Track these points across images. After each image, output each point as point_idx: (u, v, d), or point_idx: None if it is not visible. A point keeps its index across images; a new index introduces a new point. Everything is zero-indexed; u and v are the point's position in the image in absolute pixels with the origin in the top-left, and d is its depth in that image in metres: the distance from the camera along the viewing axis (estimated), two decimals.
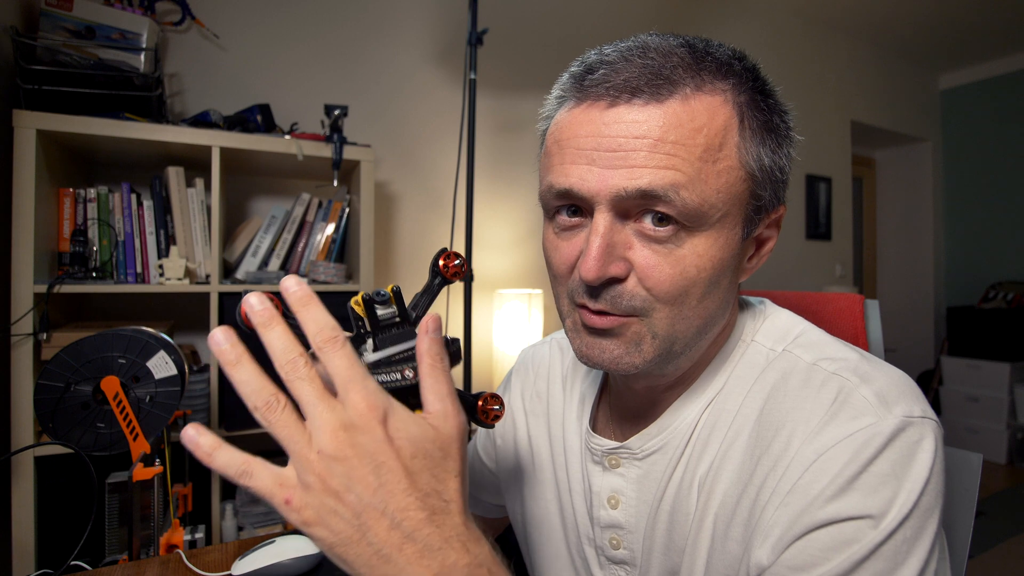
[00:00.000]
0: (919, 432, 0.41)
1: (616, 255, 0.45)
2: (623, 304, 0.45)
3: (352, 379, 0.34)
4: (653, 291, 0.45)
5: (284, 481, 0.34)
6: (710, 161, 0.43)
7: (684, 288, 0.45)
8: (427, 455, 0.36)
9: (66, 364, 0.90)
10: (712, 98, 0.44)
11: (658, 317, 0.45)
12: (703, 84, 0.44)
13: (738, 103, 0.45)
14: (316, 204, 1.72)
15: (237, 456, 0.35)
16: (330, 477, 0.33)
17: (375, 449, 0.34)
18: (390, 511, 0.34)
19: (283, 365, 0.34)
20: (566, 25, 2.45)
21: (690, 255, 0.44)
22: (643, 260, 0.44)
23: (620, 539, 0.56)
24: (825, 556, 0.40)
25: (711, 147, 0.43)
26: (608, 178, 0.43)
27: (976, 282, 3.95)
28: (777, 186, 0.48)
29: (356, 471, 0.33)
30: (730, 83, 0.45)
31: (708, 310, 0.47)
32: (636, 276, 0.45)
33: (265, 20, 1.89)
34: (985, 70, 4.00)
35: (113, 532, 0.98)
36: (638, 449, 0.54)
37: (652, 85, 0.43)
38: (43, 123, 1.28)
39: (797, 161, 0.51)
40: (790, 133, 0.48)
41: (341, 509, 0.34)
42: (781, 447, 0.45)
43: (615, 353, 0.47)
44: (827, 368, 0.47)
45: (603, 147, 0.44)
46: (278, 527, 1.48)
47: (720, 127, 0.44)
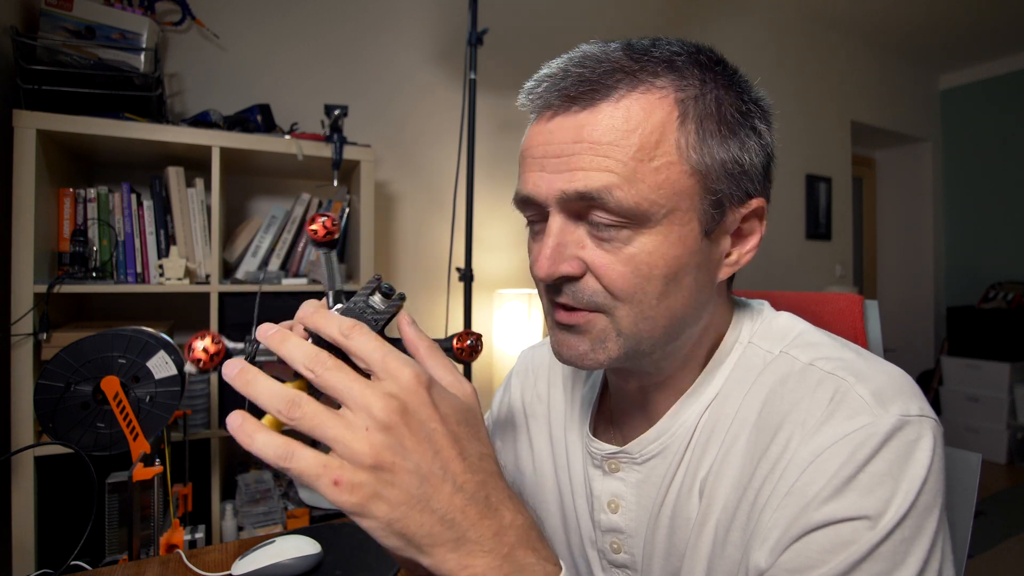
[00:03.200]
0: (916, 431, 0.41)
1: (568, 254, 0.46)
2: (585, 299, 0.47)
3: (389, 353, 0.35)
4: (609, 288, 0.46)
5: (329, 463, 0.32)
6: (645, 160, 0.44)
7: (638, 286, 0.45)
8: (467, 422, 0.37)
9: (66, 364, 0.90)
10: (647, 96, 0.44)
11: (620, 315, 0.46)
12: (638, 84, 0.45)
13: (679, 99, 0.45)
14: (316, 204, 1.72)
15: (277, 439, 0.33)
16: (383, 449, 0.32)
17: (426, 415, 0.34)
18: (450, 475, 0.34)
19: (308, 364, 0.34)
20: (566, 25, 2.45)
21: (640, 253, 0.45)
22: (595, 259, 0.46)
23: (621, 543, 0.56)
24: (823, 558, 0.39)
25: (645, 145, 0.44)
26: (553, 182, 0.45)
27: (976, 282, 3.95)
28: (740, 179, 0.47)
29: (410, 439, 0.33)
30: (670, 80, 0.45)
31: (672, 309, 0.47)
32: (592, 274, 0.46)
33: (265, 20, 1.89)
34: (985, 70, 4.00)
35: (113, 532, 0.98)
36: (637, 453, 0.54)
37: (585, 92, 0.45)
38: (43, 123, 1.28)
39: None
40: (755, 124, 0.48)
41: (398, 480, 0.33)
42: (779, 449, 0.44)
43: (581, 349, 0.48)
44: (823, 368, 0.46)
45: (550, 154, 0.46)
46: (278, 527, 1.48)
47: (656, 124, 0.44)
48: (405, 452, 0.33)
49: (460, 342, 0.45)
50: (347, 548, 0.84)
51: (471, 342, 0.46)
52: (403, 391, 0.34)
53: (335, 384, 0.34)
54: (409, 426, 0.33)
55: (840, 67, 3.58)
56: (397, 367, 0.34)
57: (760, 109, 0.49)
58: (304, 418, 0.33)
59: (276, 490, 1.59)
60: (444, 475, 0.34)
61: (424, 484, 0.33)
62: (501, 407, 0.75)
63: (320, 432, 0.33)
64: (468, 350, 0.46)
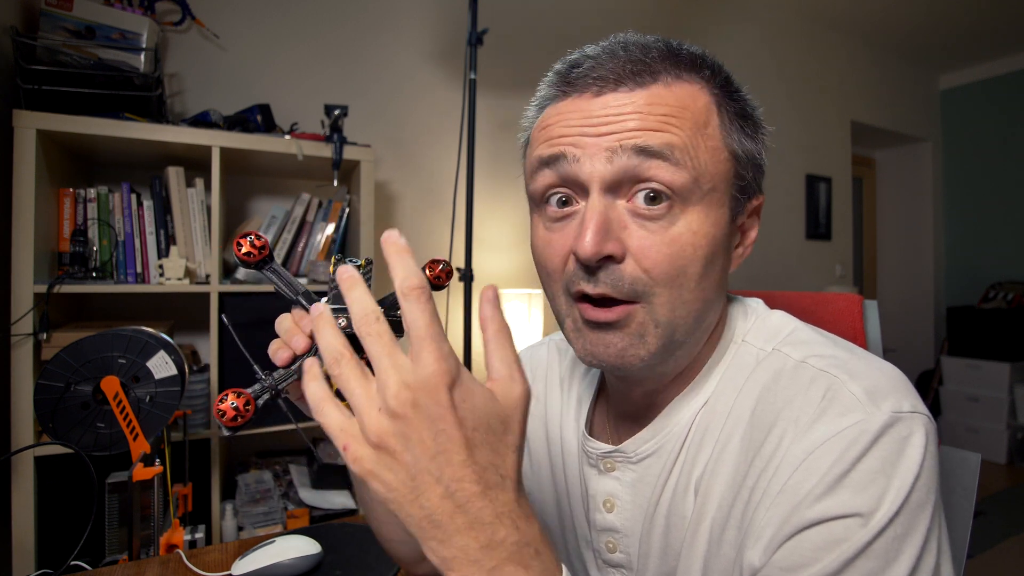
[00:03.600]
0: (908, 427, 0.41)
1: (612, 234, 0.45)
2: (625, 287, 0.45)
3: (428, 336, 0.34)
4: (651, 272, 0.45)
5: (347, 428, 0.34)
6: (700, 133, 0.46)
7: (681, 267, 0.45)
8: (489, 428, 0.35)
9: (66, 364, 0.90)
10: (691, 85, 0.47)
11: (659, 302, 0.45)
12: (681, 73, 0.47)
13: (713, 92, 0.48)
14: (316, 204, 1.72)
15: (321, 392, 0.36)
16: (387, 434, 0.33)
17: (437, 414, 0.33)
18: (445, 479, 0.33)
19: (359, 321, 0.35)
20: (566, 25, 2.45)
21: (685, 232, 0.45)
22: (638, 241, 0.45)
23: (616, 542, 0.56)
24: (815, 556, 0.39)
25: (699, 122, 0.46)
26: (599, 142, 0.45)
27: (976, 282, 3.95)
28: (757, 172, 0.50)
29: (415, 433, 0.33)
30: (704, 75, 0.48)
31: (706, 292, 0.47)
32: (632, 258, 0.45)
33: (265, 20, 1.89)
34: (985, 70, 4.00)
35: (113, 532, 0.98)
36: (632, 453, 0.54)
37: (635, 74, 0.46)
38: (43, 123, 1.28)
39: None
40: (763, 126, 0.51)
41: (396, 467, 0.33)
42: (772, 447, 0.44)
43: (620, 346, 0.47)
44: (816, 365, 0.46)
45: (592, 123, 0.45)
46: (278, 527, 1.48)
47: (703, 108, 0.47)
48: (408, 443, 0.33)
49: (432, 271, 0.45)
50: (347, 548, 0.84)
51: (442, 266, 0.46)
52: (421, 385, 0.33)
53: (369, 351, 0.34)
54: (417, 419, 0.33)
55: (840, 67, 3.58)
56: (427, 357, 0.33)
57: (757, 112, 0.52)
58: (339, 377, 0.35)
59: (276, 490, 1.59)
60: (438, 478, 0.33)
61: (416, 479, 0.33)
62: None
63: (346, 395, 0.35)
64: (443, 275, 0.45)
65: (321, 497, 1.57)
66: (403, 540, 0.59)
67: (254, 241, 0.45)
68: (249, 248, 0.44)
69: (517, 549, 0.34)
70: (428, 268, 0.45)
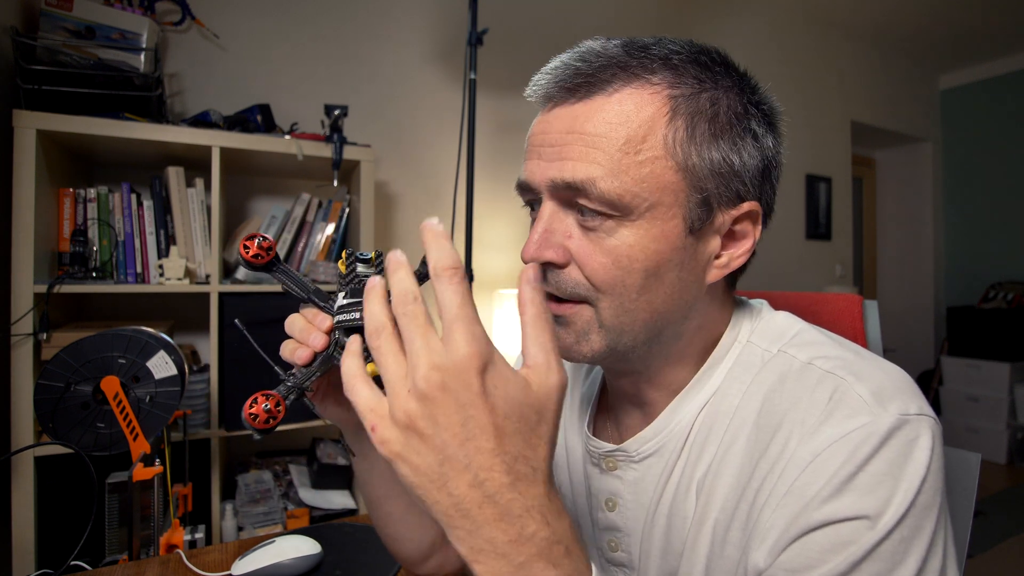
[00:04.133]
0: (915, 430, 0.41)
1: (555, 242, 0.48)
2: (568, 290, 0.48)
3: (459, 318, 0.33)
4: (591, 279, 0.47)
5: (376, 408, 0.34)
6: (631, 153, 0.45)
7: (618, 278, 0.46)
8: (521, 417, 0.34)
9: (66, 364, 0.90)
10: (640, 91, 0.46)
11: (603, 307, 0.47)
12: (632, 79, 0.46)
13: (672, 96, 0.46)
14: (316, 204, 1.72)
15: (355, 367, 0.36)
16: (417, 416, 0.32)
17: (467, 400, 0.32)
18: (474, 467, 0.32)
19: (397, 300, 0.35)
20: (566, 25, 2.45)
21: (621, 245, 0.46)
22: (578, 249, 0.47)
23: (618, 541, 0.56)
24: (822, 558, 0.39)
25: (632, 139, 0.45)
26: (545, 170, 0.48)
27: (976, 282, 3.95)
28: (730, 180, 0.47)
29: (443, 417, 0.32)
30: (664, 76, 0.46)
31: (653, 304, 0.47)
32: (576, 264, 0.48)
33: (265, 20, 1.89)
34: (985, 70, 4.00)
35: (113, 532, 0.98)
36: (634, 452, 0.54)
37: (581, 85, 0.47)
38: (43, 123, 1.28)
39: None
40: (752, 126, 0.48)
41: (424, 451, 0.33)
42: (778, 449, 0.44)
43: (567, 341, 0.49)
44: (822, 367, 0.46)
45: (546, 143, 0.48)
46: (278, 527, 1.48)
47: (646, 119, 0.45)
48: (436, 427, 0.32)
49: None
50: (347, 548, 0.84)
51: None
52: (451, 367, 0.32)
53: (404, 331, 0.34)
54: (446, 404, 0.32)
55: (840, 67, 3.58)
56: (457, 339, 0.33)
57: (763, 113, 0.49)
58: (376, 350, 0.35)
59: (276, 490, 1.59)
60: (467, 465, 0.32)
61: (444, 465, 0.32)
62: None
63: (381, 372, 0.35)
64: None
65: (321, 497, 1.57)
66: (407, 538, 0.59)
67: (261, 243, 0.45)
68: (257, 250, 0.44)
69: (547, 546, 0.34)
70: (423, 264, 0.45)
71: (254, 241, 0.44)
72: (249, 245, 0.44)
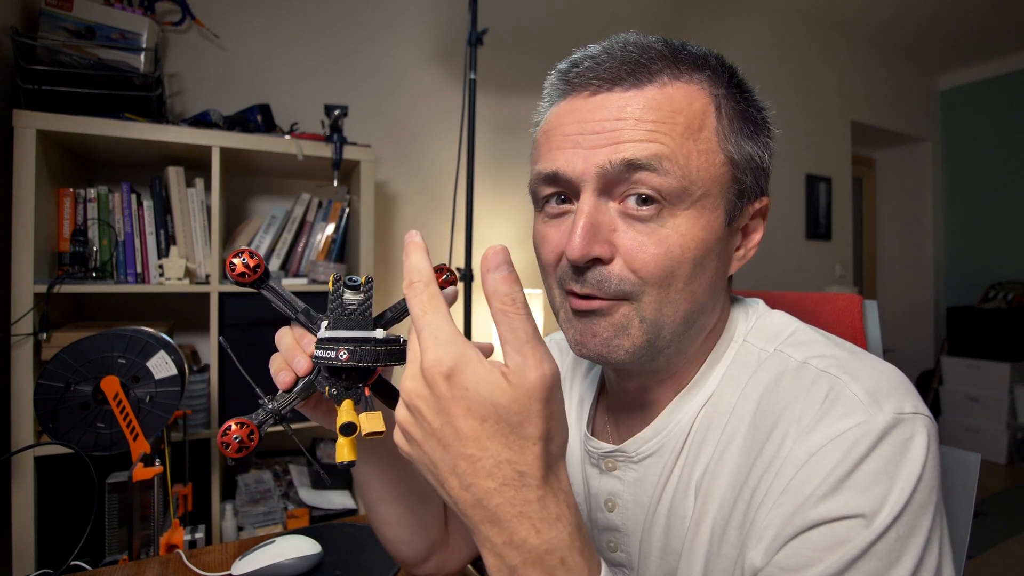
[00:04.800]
0: (911, 428, 0.41)
1: (601, 236, 0.45)
2: (612, 288, 0.46)
3: (424, 327, 0.34)
4: (640, 272, 0.45)
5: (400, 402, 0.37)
6: (691, 139, 0.45)
7: (670, 268, 0.45)
8: (499, 419, 0.33)
9: (66, 364, 0.90)
10: (688, 87, 0.47)
11: (647, 300, 0.46)
12: (680, 74, 0.47)
13: (714, 94, 0.47)
14: (316, 204, 1.72)
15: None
16: (409, 425, 0.35)
17: (440, 407, 0.33)
18: (459, 472, 0.33)
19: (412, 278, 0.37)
20: (566, 25, 2.45)
21: (674, 234, 0.45)
22: (628, 242, 0.45)
23: (617, 542, 0.56)
24: (818, 556, 0.39)
25: (691, 127, 0.45)
26: (592, 157, 0.45)
27: (976, 282, 3.95)
28: (758, 174, 0.50)
29: (425, 424, 0.34)
30: (705, 75, 0.48)
31: (695, 294, 0.47)
32: (622, 259, 0.46)
33: (265, 20, 1.89)
34: (985, 70, 4.00)
35: (113, 532, 0.98)
36: (633, 452, 0.54)
37: (631, 74, 0.46)
38: (43, 123, 1.28)
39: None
40: (768, 127, 0.51)
41: (423, 455, 0.35)
42: (774, 448, 0.44)
43: (605, 336, 0.47)
44: (817, 366, 0.46)
45: (587, 131, 0.46)
46: (278, 527, 1.49)
47: (698, 111, 0.46)
48: (423, 433, 0.34)
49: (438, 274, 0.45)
50: (347, 548, 0.84)
51: (446, 276, 0.46)
52: (421, 376, 0.34)
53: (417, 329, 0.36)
54: (425, 411, 0.34)
55: (840, 67, 3.58)
56: (424, 346, 0.34)
57: (765, 112, 0.51)
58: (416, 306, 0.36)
59: (276, 490, 1.59)
60: (453, 470, 0.34)
61: (438, 468, 0.35)
62: None
63: None
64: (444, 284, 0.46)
65: (321, 497, 1.57)
66: (405, 540, 0.59)
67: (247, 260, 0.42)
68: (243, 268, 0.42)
69: (538, 555, 0.33)
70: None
71: (240, 259, 0.42)
72: (235, 263, 0.42)
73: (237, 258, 0.42)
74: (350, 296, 0.42)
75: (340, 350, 0.39)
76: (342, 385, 0.41)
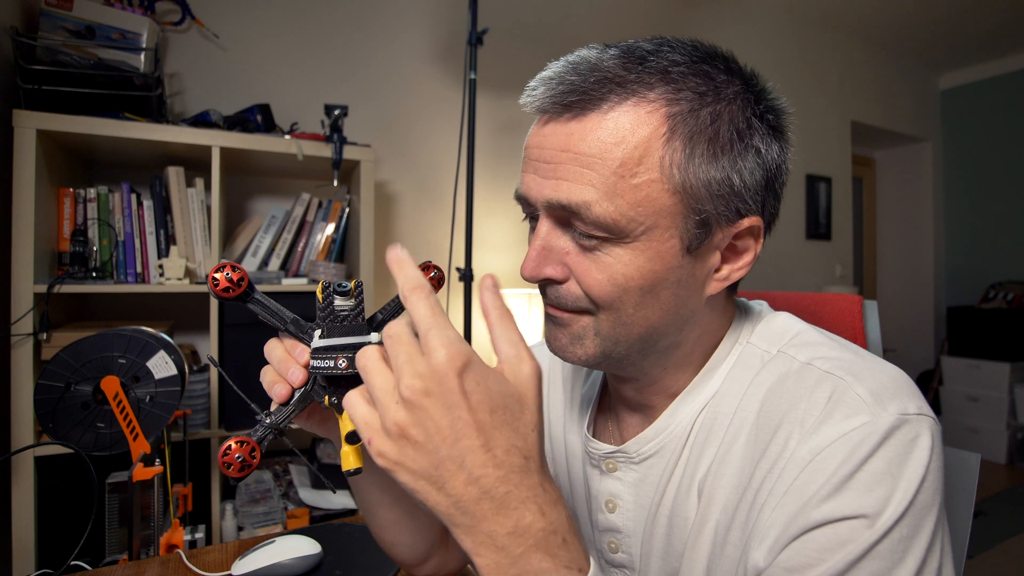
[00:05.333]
0: (915, 429, 0.41)
1: (554, 259, 0.48)
2: (569, 304, 0.48)
3: (433, 326, 0.35)
4: (590, 294, 0.47)
5: (371, 422, 0.36)
6: (626, 176, 0.43)
7: (615, 294, 0.46)
8: (506, 408, 0.35)
9: (66, 364, 0.90)
10: (637, 110, 0.44)
11: (602, 318, 0.48)
12: (629, 96, 0.44)
13: (670, 114, 0.44)
14: (316, 204, 1.72)
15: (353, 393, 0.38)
16: (409, 426, 0.34)
17: (452, 401, 0.34)
18: (467, 465, 0.34)
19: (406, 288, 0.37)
20: (566, 25, 2.45)
21: (616, 264, 0.45)
22: (576, 266, 0.47)
23: (619, 543, 0.56)
24: (821, 557, 0.39)
25: (628, 161, 0.43)
26: (542, 187, 0.47)
27: (976, 282, 3.95)
28: (730, 199, 0.45)
29: (431, 422, 0.34)
30: (663, 92, 0.44)
31: (648, 320, 0.47)
32: (575, 280, 0.48)
33: (265, 20, 1.89)
34: (985, 70, 4.00)
35: (113, 532, 0.98)
36: (634, 453, 0.54)
37: (575, 103, 0.44)
38: (43, 123, 1.28)
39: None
40: (755, 142, 0.46)
41: (419, 458, 0.34)
42: (778, 449, 0.44)
43: (562, 343, 0.50)
44: (821, 367, 0.46)
45: (542, 158, 0.47)
46: (278, 527, 1.48)
47: (642, 139, 0.43)
48: (427, 432, 0.34)
49: (425, 272, 0.45)
50: (347, 548, 0.84)
51: (434, 273, 0.46)
52: (432, 373, 0.34)
53: (389, 349, 0.36)
54: (433, 408, 0.34)
55: (840, 67, 3.58)
56: (435, 345, 0.34)
57: (768, 123, 0.47)
58: (364, 367, 0.37)
59: (276, 490, 1.59)
60: (460, 464, 0.34)
61: (440, 468, 0.34)
62: None
63: (369, 387, 0.36)
64: (433, 282, 0.45)
65: (321, 497, 1.57)
66: (404, 543, 0.59)
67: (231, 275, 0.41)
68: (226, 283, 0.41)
69: (544, 536, 0.35)
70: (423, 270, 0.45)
71: (222, 273, 0.41)
72: (218, 279, 0.40)
73: (219, 273, 0.41)
74: (341, 302, 0.42)
75: (339, 358, 0.39)
76: (342, 393, 0.40)
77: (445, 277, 0.48)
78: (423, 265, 0.46)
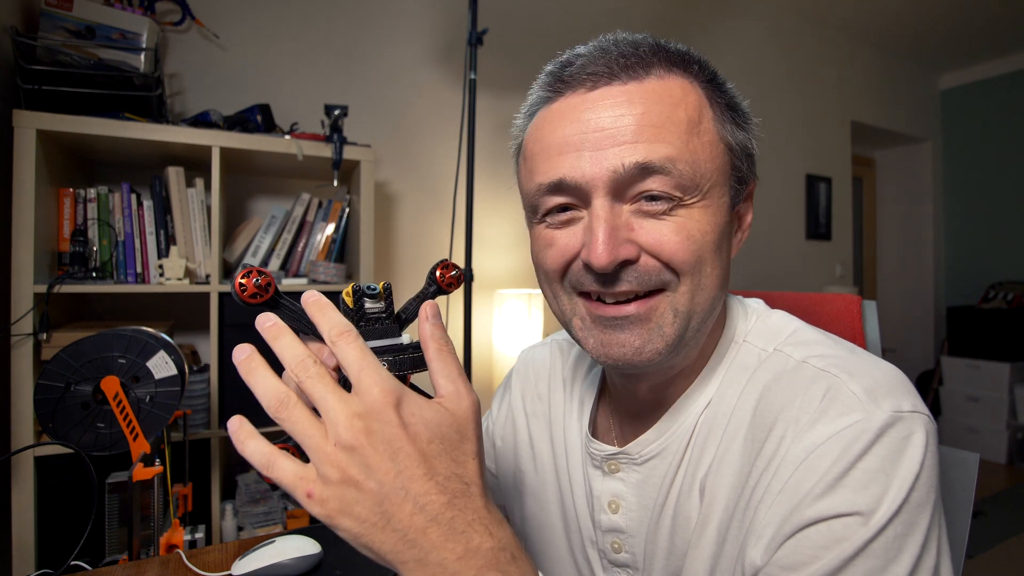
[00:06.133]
0: (909, 427, 0.41)
1: (621, 238, 0.45)
2: (651, 280, 0.46)
3: (364, 368, 0.35)
4: (671, 262, 0.45)
5: (305, 475, 0.34)
6: (695, 134, 0.46)
7: (697, 253, 0.46)
8: (444, 438, 0.36)
9: (66, 364, 0.90)
10: (682, 80, 0.47)
11: (681, 291, 0.46)
12: (671, 68, 0.47)
13: (703, 86, 0.48)
14: (316, 204, 1.72)
15: (264, 448, 0.35)
16: (348, 467, 0.33)
17: (391, 435, 0.34)
18: (412, 495, 0.34)
19: (294, 368, 0.35)
20: (566, 25, 2.45)
21: (690, 222, 0.45)
22: (650, 236, 0.45)
23: (622, 543, 0.56)
24: (815, 554, 0.39)
25: (693, 121, 0.46)
26: (602, 160, 0.44)
27: (976, 282, 3.95)
28: (750, 160, 0.51)
29: (373, 459, 0.33)
30: (692, 70, 0.48)
31: (719, 279, 0.48)
32: (648, 253, 0.46)
33: (265, 20, 1.89)
34: (985, 70, 4.00)
35: (113, 532, 0.98)
36: (637, 455, 0.54)
37: (629, 67, 0.46)
38: (43, 123, 1.28)
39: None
40: (748, 114, 0.52)
41: (363, 498, 0.33)
42: (773, 447, 0.44)
43: (637, 344, 0.46)
44: (816, 365, 0.46)
45: (589, 129, 0.45)
46: (278, 527, 1.48)
47: (695, 104, 0.47)
48: (369, 471, 0.33)
49: (445, 271, 0.45)
50: (347, 548, 0.84)
51: (455, 272, 0.45)
52: (369, 411, 0.34)
53: (312, 393, 0.35)
54: (373, 446, 0.33)
55: (840, 67, 3.58)
56: (368, 384, 0.34)
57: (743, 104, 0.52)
58: (288, 420, 0.35)
59: (276, 490, 1.59)
60: (405, 495, 0.34)
61: (385, 503, 0.33)
62: (502, 407, 0.75)
63: (299, 439, 0.35)
64: (452, 280, 0.45)
65: None
66: None
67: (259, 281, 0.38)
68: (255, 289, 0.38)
69: (493, 555, 0.35)
70: (440, 269, 0.45)
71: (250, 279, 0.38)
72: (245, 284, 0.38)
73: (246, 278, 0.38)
74: (371, 305, 0.41)
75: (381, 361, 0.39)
76: None
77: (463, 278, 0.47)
78: (443, 263, 0.45)
